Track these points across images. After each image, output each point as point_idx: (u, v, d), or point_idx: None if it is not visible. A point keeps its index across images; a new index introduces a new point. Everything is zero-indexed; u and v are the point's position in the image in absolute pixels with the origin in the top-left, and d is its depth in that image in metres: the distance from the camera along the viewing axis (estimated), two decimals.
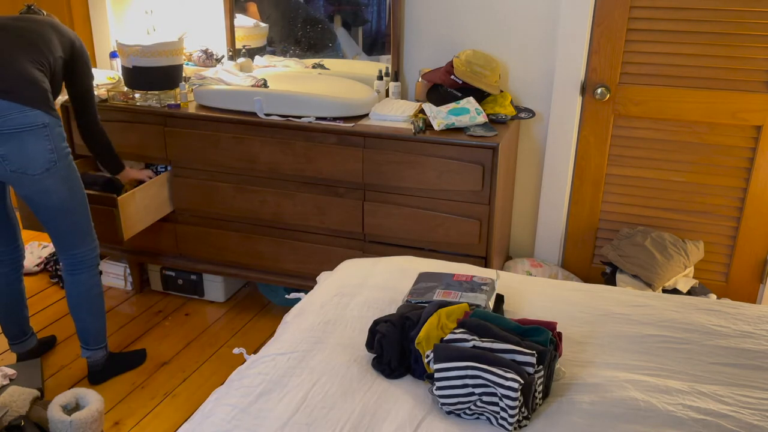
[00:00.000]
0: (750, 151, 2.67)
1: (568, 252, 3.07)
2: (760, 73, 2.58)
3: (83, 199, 2.33)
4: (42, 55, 2.20)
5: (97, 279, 2.44)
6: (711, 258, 2.85)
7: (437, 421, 1.43)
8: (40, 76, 2.15)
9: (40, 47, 2.20)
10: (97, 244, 2.44)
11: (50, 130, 2.14)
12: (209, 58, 3.17)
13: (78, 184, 2.30)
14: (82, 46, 2.39)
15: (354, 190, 2.68)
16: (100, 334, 2.48)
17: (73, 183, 2.27)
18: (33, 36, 2.20)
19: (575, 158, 2.91)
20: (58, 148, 2.18)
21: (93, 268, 2.42)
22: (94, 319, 2.44)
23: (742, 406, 1.45)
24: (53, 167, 2.17)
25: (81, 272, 2.38)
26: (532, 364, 1.43)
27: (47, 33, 2.24)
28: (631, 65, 2.72)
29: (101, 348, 2.50)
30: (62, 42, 2.29)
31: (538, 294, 1.96)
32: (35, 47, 2.19)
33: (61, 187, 2.22)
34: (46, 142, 2.14)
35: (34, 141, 2.12)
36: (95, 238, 2.43)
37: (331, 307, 1.86)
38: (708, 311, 1.86)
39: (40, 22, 2.26)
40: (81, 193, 2.32)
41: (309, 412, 1.44)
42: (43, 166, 2.15)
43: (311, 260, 2.84)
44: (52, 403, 2.14)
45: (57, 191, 2.22)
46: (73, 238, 2.34)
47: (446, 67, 2.74)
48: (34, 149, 2.13)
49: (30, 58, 2.16)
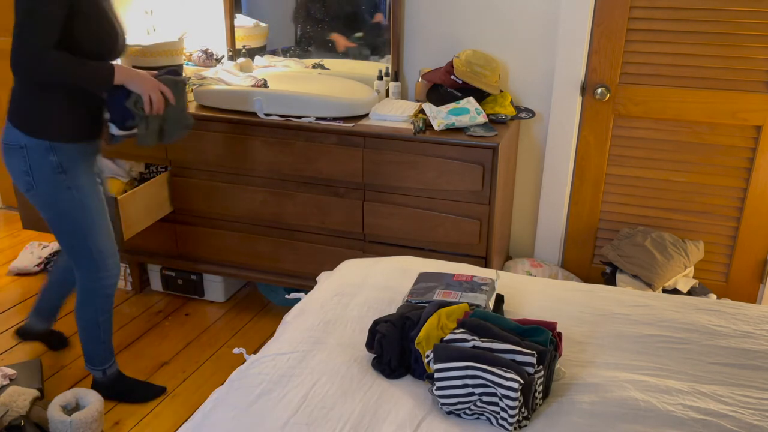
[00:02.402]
0: (750, 151, 2.67)
1: (568, 252, 3.07)
2: (760, 73, 2.58)
3: (82, 229, 2.16)
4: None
5: (97, 308, 2.29)
6: (711, 258, 2.85)
7: (437, 421, 1.43)
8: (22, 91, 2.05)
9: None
10: (110, 275, 2.27)
11: (28, 152, 2.04)
12: (209, 58, 3.17)
13: (73, 214, 2.13)
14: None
15: (354, 190, 2.68)
16: (95, 357, 2.37)
17: (62, 210, 2.12)
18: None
19: (575, 158, 2.91)
20: (37, 172, 2.06)
21: (95, 298, 2.28)
22: (87, 342, 2.35)
23: (742, 406, 1.45)
24: (32, 190, 2.09)
25: (81, 295, 2.28)
26: (532, 364, 1.43)
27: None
28: (631, 65, 2.72)
29: (100, 371, 2.40)
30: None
31: (538, 294, 1.96)
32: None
33: (46, 212, 2.14)
34: (21, 163, 2.06)
35: (11, 159, 2.07)
36: (107, 268, 2.26)
37: (331, 307, 1.86)
38: (708, 311, 1.86)
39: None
40: (78, 223, 2.15)
41: (309, 412, 1.44)
42: (22, 186, 2.10)
43: (311, 260, 2.84)
44: (52, 403, 2.14)
45: (43, 213, 2.15)
46: (72, 259, 2.24)
47: (446, 67, 2.74)
48: (11, 167, 2.09)
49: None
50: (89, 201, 2.15)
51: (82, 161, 2.13)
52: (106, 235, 2.23)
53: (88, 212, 2.15)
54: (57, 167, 2.07)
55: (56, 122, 2.06)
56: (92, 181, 2.18)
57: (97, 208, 2.19)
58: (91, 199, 2.15)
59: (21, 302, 3.13)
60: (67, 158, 2.08)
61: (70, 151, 2.09)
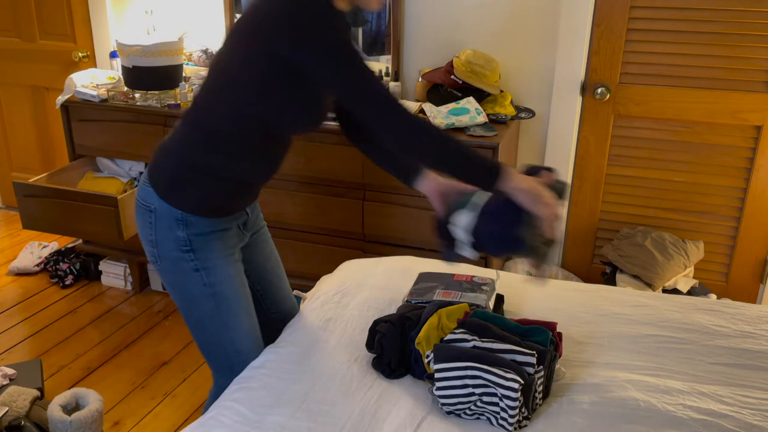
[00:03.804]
0: (750, 151, 2.67)
1: (568, 252, 3.06)
2: (760, 73, 2.58)
3: (215, 322, 1.67)
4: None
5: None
6: (711, 258, 2.85)
7: (437, 421, 1.43)
8: (176, 149, 1.59)
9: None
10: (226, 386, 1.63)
11: (156, 219, 1.60)
12: (209, 58, 3.17)
13: (202, 303, 1.65)
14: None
15: (354, 190, 2.67)
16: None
17: (189, 297, 1.66)
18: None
19: (575, 158, 2.91)
20: (162, 246, 1.61)
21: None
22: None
23: (743, 406, 1.45)
24: (156, 263, 1.66)
25: (212, 399, 1.80)
26: (532, 365, 1.42)
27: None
28: (631, 65, 2.72)
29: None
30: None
31: (538, 294, 1.96)
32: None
33: (173, 295, 1.70)
34: (148, 230, 1.63)
35: (140, 220, 1.66)
36: (228, 376, 1.68)
37: (331, 306, 1.86)
38: (708, 311, 1.86)
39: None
40: (208, 314, 1.66)
41: (309, 412, 1.43)
42: (148, 255, 1.68)
43: (311, 260, 2.84)
44: (52, 403, 2.14)
45: (172, 296, 1.71)
46: (205, 357, 1.77)
47: (446, 67, 2.74)
48: (139, 229, 1.67)
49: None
50: (224, 289, 1.65)
51: (217, 239, 1.64)
52: (248, 329, 1.72)
53: (222, 302, 1.65)
54: (184, 243, 1.60)
55: (194, 190, 1.58)
56: (229, 263, 1.67)
57: (236, 296, 1.68)
58: (226, 286, 1.65)
59: (21, 302, 3.14)
60: (198, 234, 1.60)
61: (203, 226, 1.61)
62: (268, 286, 1.89)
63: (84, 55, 3.56)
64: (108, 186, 2.98)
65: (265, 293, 1.89)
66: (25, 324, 2.96)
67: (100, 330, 2.93)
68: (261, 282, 1.87)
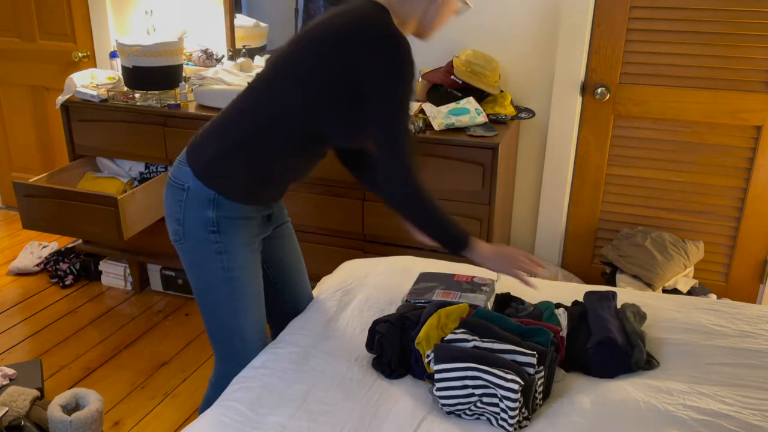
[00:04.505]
0: (750, 151, 2.67)
1: (568, 252, 3.06)
2: (760, 73, 2.58)
3: (226, 308, 1.70)
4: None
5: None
6: (711, 258, 2.85)
7: (437, 422, 1.43)
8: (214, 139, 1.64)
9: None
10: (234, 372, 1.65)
11: (187, 197, 1.63)
12: (209, 58, 3.17)
13: (218, 286, 1.68)
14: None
15: (354, 189, 2.67)
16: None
17: (206, 280, 1.69)
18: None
19: (575, 158, 2.91)
20: (189, 223, 1.64)
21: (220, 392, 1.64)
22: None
23: (743, 406, 1.45)
24: (178, 242, 1.69)
25: (211, 390, 1.82)
26: (532, 365, 1.43)
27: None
28: (631, 65, 2.72)
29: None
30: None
31: (538, 295, 1.96)
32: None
33: (189, 275, 1.73)
34: (176, 207, 1.65)
35: (169, 199, 1.69)
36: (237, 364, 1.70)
37: (331, 306, 1.87)
38: (708, 311, 1.86)
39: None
40: (221, 299, 1.69)
41: (309, 412, 1.44)
42: (171, 234, 1.70)
43: (311, 260, 2.83)
44: (52, 403, 2.14)
45: (189, 277, 1.74)
46: (211, 341, 1.80)
47: (446, 67, 2.74)
48: (167, 207, 1.70)
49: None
50: (241, 275, 1.68)
51: (242, 226, 1.67)
52: (255, 318, 1.75)
53: (236, 288, 1.69)
54: (212, 224, 1.63)
55: (230, 176, 1.62)
56: (250, 251, 1.71)
57: (251, 284, 1.72)
58: (243, 272, 1.69)
59: (21, 302, 3.14)
60: (226, 217, 1.64)
61: (232, 210, 1.64)
62: (288, 281, 1.93)
63: (84, 55, 3.56)
64: (108, 186, 2.98)
65: (285, 287, 1.93)
66: (25, 324, 2.96)
67: (100, 330, 2.93)
68: (281, 275, 1.91)
